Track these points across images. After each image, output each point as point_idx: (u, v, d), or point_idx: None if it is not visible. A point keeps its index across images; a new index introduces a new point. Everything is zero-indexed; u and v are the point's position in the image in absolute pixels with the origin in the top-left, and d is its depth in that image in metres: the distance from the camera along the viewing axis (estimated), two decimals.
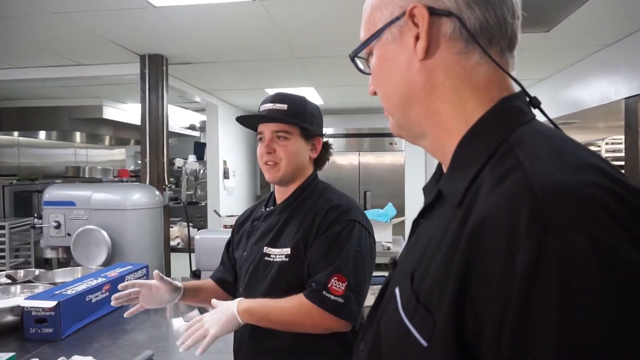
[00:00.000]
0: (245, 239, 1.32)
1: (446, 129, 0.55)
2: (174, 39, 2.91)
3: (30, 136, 5.86)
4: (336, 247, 1.14)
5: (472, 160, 0.50)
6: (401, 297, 0.52)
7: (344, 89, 4.64)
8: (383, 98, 0.61)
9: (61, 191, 2.62)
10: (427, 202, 0.60)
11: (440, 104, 0.54)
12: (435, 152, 0.59)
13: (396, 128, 0.62)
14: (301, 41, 3.00)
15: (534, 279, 0.37)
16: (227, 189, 5.23)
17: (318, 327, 1.12)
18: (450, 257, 0.45)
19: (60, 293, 1.59)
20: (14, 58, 3.32)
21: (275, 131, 1.22)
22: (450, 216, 0.49)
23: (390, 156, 6.11)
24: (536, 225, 0.38)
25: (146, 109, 3.15)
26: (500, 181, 0.43)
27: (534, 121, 0.52)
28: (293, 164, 1.23)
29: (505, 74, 0.53)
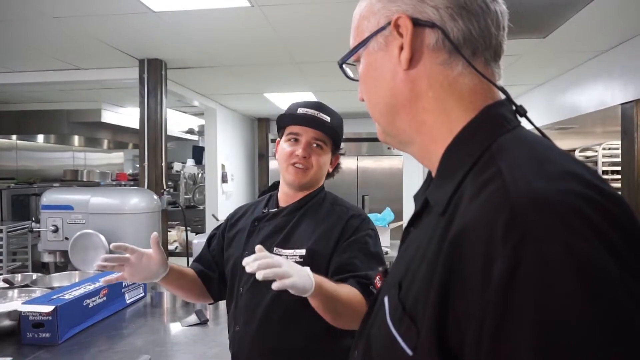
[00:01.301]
0: (243, 237, 1.31)
1: (431, 137, 0.55)
2: (172, 44, 2.93)
3: (28, 139, 5.86)
4: (367, 251, 1.19)
5: (456, 169, 0.50)
6: (389, 306, 0.53)
7: (341, 93, 4.65)
8: (369, 105, 0.62)
9: (59, 195, 2.62)
10: (415, 210, 0.61)
11: (424, 114, 0.55)
12: (422, 159, 0.60)
13: (383, 135, 0.63)
14: (299, 46, 3.02)
15: (510, 288, 0.37)
16: (225, 193, 5.23)
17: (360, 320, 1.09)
18: (433, 267, 0.45)
19: (58, 297, 1.59)
20: (14, 62, 3.33)
21: (315, 138, 1.25)
22: (435, 225, 0.50)
23: (388, 160, 6.13)
24: (512, 235, 0.38)
25: (145, 113, 3.16)
26: (480, 190, 0.44)
27: (518, 128, 0.52)
28: (320, 173, 1.28)
29: (490, 84, 0.54)
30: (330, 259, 1.19)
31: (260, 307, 1.18)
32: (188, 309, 1.91)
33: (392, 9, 0.55)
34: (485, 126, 0.51)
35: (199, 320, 1.74)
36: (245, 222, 1.33)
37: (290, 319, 1.16)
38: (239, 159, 5.94)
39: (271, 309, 1.17)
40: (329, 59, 3.31)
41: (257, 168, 6.78)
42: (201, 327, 1.73)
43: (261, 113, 6.33)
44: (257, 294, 1.19)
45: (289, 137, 1.27)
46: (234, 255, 1.29)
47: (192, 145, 6.12)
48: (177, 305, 1.97)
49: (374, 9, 0.57)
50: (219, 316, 1.84)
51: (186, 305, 1.95)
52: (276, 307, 1.17)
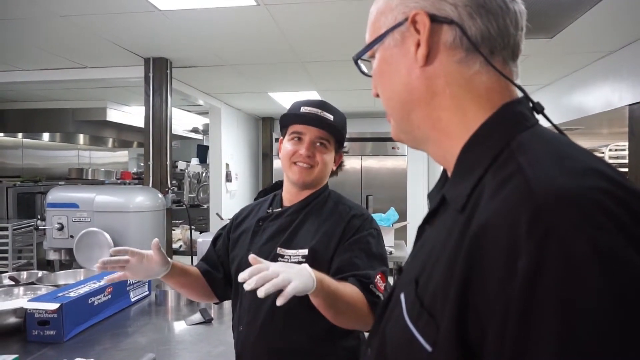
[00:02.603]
0: (248, 238, 1.31)
1: (447, 135, 0.55)
2: (178, 43, 2.93)
3: (34, 138, 5.88)
4: (369, 251, 1.18)
5: (474, 166, 0.50)
6: (406, 303, 0.53)
7: (346, 93, 4.65)
8: (384, 101, 0.62)
9: (64, 193, 2.63)
10: (431, 208, 0.61)
11: (440, 111, 0.55)
12: (437, 157, 0.59)
13: (397, 132, 0.63)
14: (305, 45, 3.01)
15: (535, 283, 0.37)
16: (229, 192, 5.24)
17: (360, 318, 1.08)
18: (453, 263, 0.45)
19: (63, 295, 1.59)
20: (20, 60, 3.34)
21: (319, 137, 1.25)
22: (453, 222, 0.50)
23: (392, 160, 6.12)
24: (536, 230, 0.38)
25: (150, 112, 3.17)
26: (502, 186, 0.44)
27: (537, 126, 0.52)
28: (324, 171, 1.28)
29: (507, 82, 0.54)
30: (332, 259, 1.18)
31: (263, 308, 1.18)
32: (192, 308, 1.91)
33: (409, 5, 0.55)
34: (503, 124, 0.51)
35: (204, 318, 1.74)
36: (250, 223, 1.33)
37: (293, 320, 1.16)
38: (243, 158, 5.95)
39: (274, 310, 1.16)
40: (334, 58, 3.31)
41: (261, 167, 6.78)
42: (205, 325, 1.73)
43: (265, 112, 6.34)
44: None
45: (292, 136, 1.26)
46: (239, 256, 1.29)
47: (196, 144, 6.13)
48: (181, 304, 1.97)
49: (392, 5, 0.57)
50: (223, 315, 1.84)
51: (190, 303, 1.95)
52: (279, 307, 1.16)
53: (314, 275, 0.95)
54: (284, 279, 0.89)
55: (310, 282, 0.94)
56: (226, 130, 5.18)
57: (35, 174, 5.55)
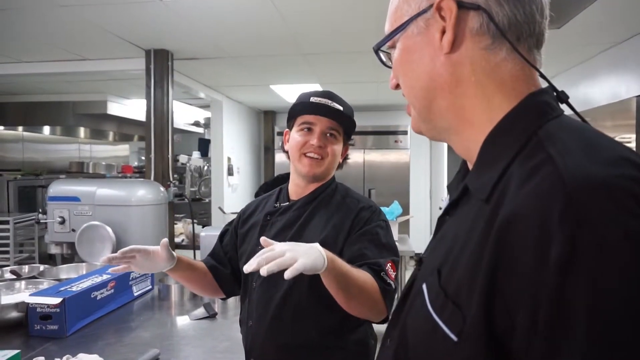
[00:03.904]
0: (256, 233, 1.28)
1: (471, 124, 0.54)
2: (180, 34, 2.89)
3: (34, 131, 5.86)
4: (378, 242, 1.16)
5: (499, 156, 0.49)
6: (429, 293, 0.52)
7: (349, 85, 4.61)
8: (406, 90, 0.61)
9: (66, 186, 2.60)
10: (452, 199, 0.60)
11: (464, 99, 0.54)
12: (459, 148, 0.59)
13: (418, 123, 0.62)
14: (308, 37, 2.97)
15: (568, 272, 0.37)
16: (231, 186, 5.21)
17: (373, 305, 1.06)
18: (480, 252, 0.45)
19: (66, 290, 1.57)
20: (19, 52, 3.31)
21: (329, 127, 1.22)
22: (477, 212, 0.49)
23: (395, 154, 6.08)
24: (569, 218, 0.38)
25: (151, 105, 3.13)
26: (531, 175, 0.43)
27: (563, 116, 0.51)
28: (333, 163, 1.26)
29: (532, 71, 0.53)
30: (342, 253, 1.16)
31: (272, 303, 1.16)
32: (196, 302, 1.89)
33: None
34: (529, 113, 0.51)
35: (208, 313, 1.72)
36: (258, 217, 1.31)
37: (302, 314, 1.14)
38: (245, 152, 5.92)
39: (283, 305, 1.15)
40: (337, 49, 3.27)
41: (263, 161, 6.75)
42: (210, 320, 1.71)
43: (267, 106, 6.30)
44: (269, 289, 1.17)
45: (302, 126, 1.23)
46: (247, 251, 1.27)
47: (197, 137, 6.09)
48: (184, 298, 1.95)
49: None
50: (227, 309, 1.82)
51: (194, 298, 1.93)
52: (288, 302, 1.15)
53: (324, 253, 0.93)
54: (291, 257, 0.87)
55: (320, 260, 0.92)
56: (228, 124, 5.14)
57: (35, 168, 5.52)
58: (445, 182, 5.83)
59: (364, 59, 3.53)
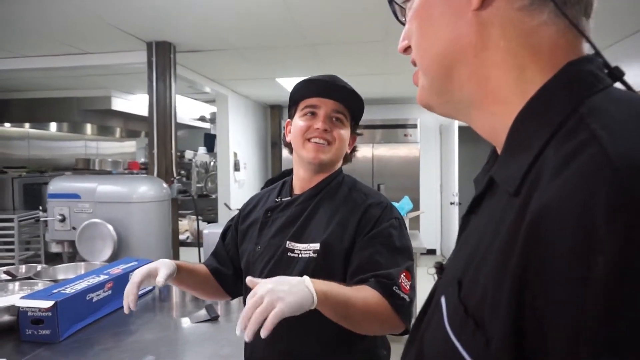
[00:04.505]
0: (256, 230, 1.19)
1: (497, 99, 0.45)
2: (181, 25, 2.79)
3: (41, 128, 5.82)
4: (392, 245, 1.05)
5: (531, 139, 0.40)
6: (447, 308, 0.45)
7: (356, 78, 4.48)
8: (419, 52, 0.51)
9: (66, 183, 2.53)
10: (477, 193, 0.50)
11: (491, 67, 0.44)
12: (482, 128, 0.48)
13: (429, 94, 0.51)
14: (313, 25, 2.86)
15: (620, 286, 0.30)
16: (237, 182, 5.13)
17: (383, 324, 0.98)
18: (506, 258, 0.36)
19: (59, 292, 1.48)
20: (20, 46, 3.24)
21: (335, 110, 1.12)
22: (504, 208, 0.41)
23: (404, 148, 5.96)
24: (619, 215, 0.30)
25: (153, 99, 3.05)
26: (570, 159, 0.35)
27: (612, 88, 0.41)
28: (340, 150, 1.15)
29: (577, 40, 0.43)
30: (347, 254, 1.06)
31: None
32: (198, 304, 1.80)
33: None
34: (569, 85, 0.41)
35: (209, 316, 1.62)
36: (258, 213, 1.21)
37: (303, 322, 1.03)
38: (251, 147, 5.82)
39: None
40: (343, 40, 3.15)
41: (270, 156, 6.66)
42: (211, 323, 1.62)
43: (274, 100, 6.19)
44: None
45: (305, 111, 1.13)
46: (247, 250, 1.18)
47: (203, 133, 6.01)
48: (186, 299, 1.87)
49: None
50: (230, 312, 1.73)
51: (196, 299, 1.84)
52: None
53: (313, 290, 0.83)
54: (269, 302, 0.78)
55: (307, 298, 0.82)
56: (234, 119, 5.05)
57: (41, 165, 5.48)
58: (457, 176, 5.69)
59: (372, 50, 3.41)
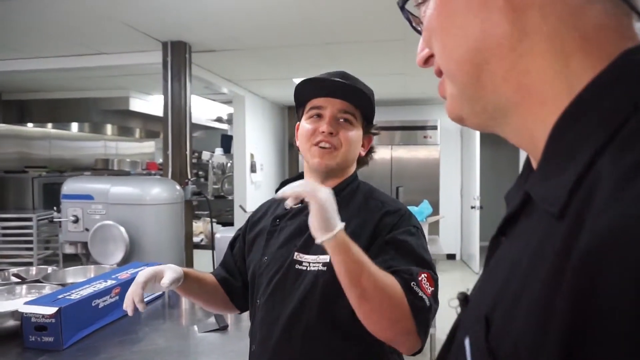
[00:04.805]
0: (263, 240, 1.12)
1: (538, 98, 0.36)
2: (196, 25, 2.75)
3: (62, 128, 5.90)
4: (406, 251, 0.94)
5: (579, 146, 0.32)
6: (472, 352, 0.37)
7: (374, 78, 4.39)
8: (443, 56, 0.41)
9: (79, 184, 2.51)
10: (509, 212, 0.41)
11: (531, 60, 0.36)
12: (520, 138, 0.39)
13: (459, 103, 0.42)
14: (330, 23, 2.78)
15: None
16: (254, 183, 5.08)
17: (397, 319, 0.84)
18: (550, 297, 0.29)
19: (64, 297, 1.44)
20: (37, 47, 3.25)
21: (342, 110, 1.03)
22: (546, 232, 0.32)
23: (424, 150, 5.83)
24: None
25: (168, 99, 3.01)
26: (633, 174, 0.28)
27: None
28: (350, 153, 1.05)
29: (628, 17, 0.34)
30: None
31: (278, 323, 0.98)
32: (207, 311, 1.74)
33: None
34: (628, 79, 0.32)
35: (218, 325, 1.56)
36: (267, 222, 1.13)
37: (312, 337, 0.95)
38: (268, 148, 5.78)
39: (291, 325, 0.96)
40: (363, 38, 3.06)
41: (287, 157, 6.61)
42: (220, 333, 1.55)
43: (291, 101, 6.06)
44: (275, 307, 0.99)
45: (311, 113, 1.05)
46: (253, 261, 1.10)
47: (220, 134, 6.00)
48: (196, 306, 1.81)
49: None
50: (240, 320, 1.66)
51: None
52: (296, 323, 0.96)
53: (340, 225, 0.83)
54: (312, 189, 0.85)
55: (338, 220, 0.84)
56: (250, 120, 5.01)
57: (61, 165, 5.55)
58: (478, 179, 5.54)
59: (392, 48, 3.31)
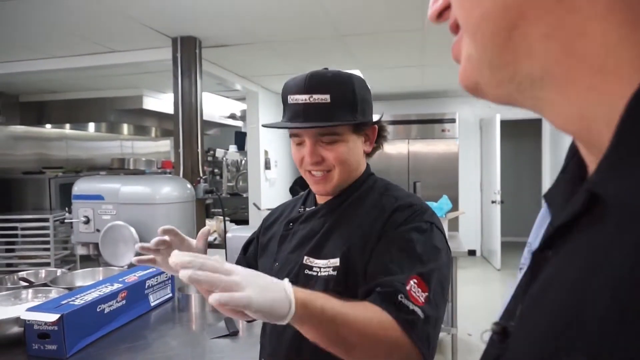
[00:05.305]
0: (275, 244, 1.04)
1: (594, 68, 0.27)
2: (206, 19, 2.68)
3: (79, 129, 5.93)
4: (411, 251, 0.84)
5: None
6: None
7: (391, 71, 4.27)
8: (463, 11, 0.32)
9: (90, 184, 2.47)
10: (560, 218, 0.31)
11: (586, 17, 0.26)
12: (562, 117, 0.30)
13: (478, 67, 0.32)
14: (346, 14, 2.68)
15: None
16: (268, 180, 5.02)
17: (393, 351, 0.75)
18: None
19: (67, 303, 1.38)
20: (50, 47, 3.23)
21: (320, 134, 0.93)
22: (630, 245, 0.23)
23: (442, 144, 5.68)
24: None
25: (179, 96, 2.95)
26: None
27: None
28: (348, 169, 0.96)
29: None
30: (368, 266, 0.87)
31: (285, 337, 0.90)
32: (218, 315, 1.67)
33: None
34: None
35: (228, 330, 1.48)
36: (280, 225, 1.06)
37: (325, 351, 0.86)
38: (283, 145, 5.70)
39: (301, 338, 0.87)
40: (380, 30, 2.95)
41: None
42: (230, 339, 1.48)
43: None
44: None
45: (293, 138, 0.97)
46: (264, 266, 1.03)
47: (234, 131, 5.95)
48: (206, 309, 1.74)
49: None
50: (252, 326, 1.58)
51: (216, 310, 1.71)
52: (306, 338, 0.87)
53: (292, 296, 0.65)
54: (235, 283, 0.61)
55: (282, 302, 0.64)
56: (264, 116, 4.94)
57: (78, 165, 5.57)
58: (499, 173, 5.36)
59: (409, 39, 3.19)
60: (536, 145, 6.33)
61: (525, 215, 6.99)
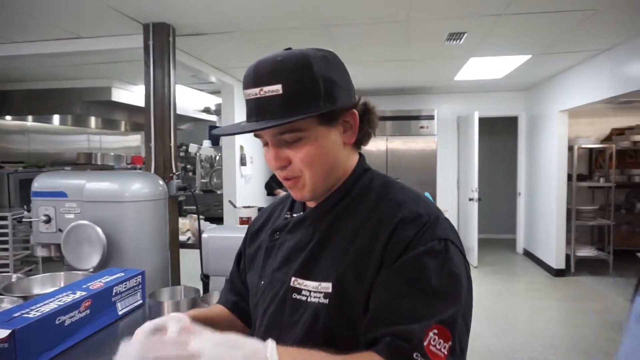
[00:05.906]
0: (261, 258, 0.91)
1: None
2: (181, 3, 2.50)
3: (43, 121, 5.60)
4: (424, 285, 0.70)
5: None
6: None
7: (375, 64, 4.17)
8: None
9: (51, 179, 2.27)
10: None
11: None
12: None
13: None
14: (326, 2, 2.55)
15: None
16: (244, 177, 4.85)
17: None
18: None
19: (21, 315, 1.21)
20: (10, 31, 2.97)
21: (279, 133, 0.78)
22: None
23: (420, 141, 5.64)
24: None
25: (151, 86, 2.76)
26: None
27: None
28: (321, 171, 0.80)
29: None
30: (370, 297, 0.73)
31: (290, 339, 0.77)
32: None
33: None
34: None
35: None
36: (266, 234, 0.93)
37: None
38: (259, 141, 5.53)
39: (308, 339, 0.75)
40: (362, 19, 2.84)
41: None
42: None
43: None
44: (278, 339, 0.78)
45: (260, 139, 0.84)
46: (252, 284, 0.90)
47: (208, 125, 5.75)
48: None
49: None
50: None
51: None
52: None
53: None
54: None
55: None
56: (240, 110, 4.76)
57: (41, 160, 5.26)
58: (476, 170, 5.36)
59: (393, 31, 3.09)
60: (512, 142, 6.38)
61: (501, 212, 7.06)
